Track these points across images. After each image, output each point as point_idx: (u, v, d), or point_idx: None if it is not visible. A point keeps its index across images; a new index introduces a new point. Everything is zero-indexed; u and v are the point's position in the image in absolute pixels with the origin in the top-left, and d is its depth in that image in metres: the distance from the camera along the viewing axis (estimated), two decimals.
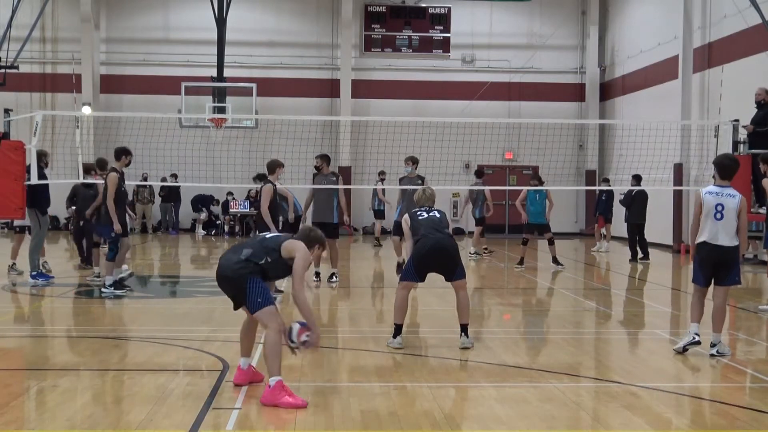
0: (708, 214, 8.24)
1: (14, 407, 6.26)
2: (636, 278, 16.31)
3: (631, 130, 20.88)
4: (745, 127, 15.31)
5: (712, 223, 8.22)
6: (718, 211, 8.19)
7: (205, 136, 24.23)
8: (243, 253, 6.52)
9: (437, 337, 9.18)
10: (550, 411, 6.35)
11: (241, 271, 6.44)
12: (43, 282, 13.47)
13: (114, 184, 12.29)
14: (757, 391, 7.25)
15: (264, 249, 6.53)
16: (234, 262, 6.51)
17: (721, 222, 8.19)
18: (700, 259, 8.36)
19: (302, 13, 28.66)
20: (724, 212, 8.19)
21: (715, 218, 8.20)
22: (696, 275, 8.44)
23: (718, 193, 8.25)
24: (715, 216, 8.20)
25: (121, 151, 12.80)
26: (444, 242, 8.57)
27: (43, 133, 16.25)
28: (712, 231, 8.22)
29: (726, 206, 8.20)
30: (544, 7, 28.91)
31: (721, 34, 20.91)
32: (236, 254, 6.55)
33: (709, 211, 8.23)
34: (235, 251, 6.60)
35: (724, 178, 8.39)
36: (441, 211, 8.90)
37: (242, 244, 6.72)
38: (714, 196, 8.25)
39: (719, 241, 8.21)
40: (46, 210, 14.03)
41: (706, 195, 8.29)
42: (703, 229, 8.27)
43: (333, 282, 13.88)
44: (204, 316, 10.76)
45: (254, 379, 6.97)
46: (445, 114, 27.21)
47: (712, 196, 8.25)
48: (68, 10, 27.61)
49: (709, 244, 8.25)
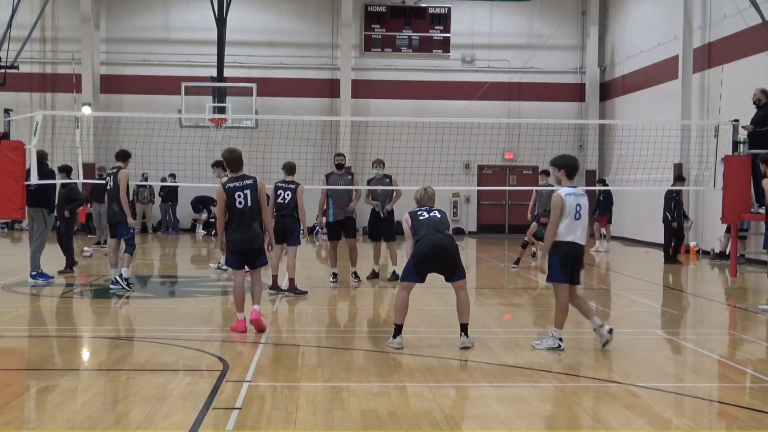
0: (570, 215, 8.50)
1: (14, 407, 6.26)
2: (636, 278, 16.30)
3: (631, 130, 20.88)
4: (745, 128, 15.29)
5: (573, 223, 8.51)
6: (577, 211, 8.51)
7: (205, 136, 24.22)
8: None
9: (437, 337, 9.17)
10: (550, 411, 6.35)
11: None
12: (43, 282, 13.47)
13: (125, 180, 12.52)
14: (757, 391, 7.25)
15: None
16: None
17: (579, 222, 8.53)
18: (562, 257, 8.54)
19: (302, 13, 28.66)
20: (581, 212, 8.55)
21: (575, 218, 8.50)
22: (556, 274, 8.57)
23: (575, 194, 8.57)
24: (575, 216, 8.50)
25: (127, 155, 13.01)
26: (444, 243, 8.57)
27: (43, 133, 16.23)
28: (575, 231, 8.51)
29: (582, 206, 8.54)
30: (544, 7, 28.91)
31: (721, 34, 20.91)
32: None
33: (570, 211, 8.50)
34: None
35: (571, 178, 8.74)
36: (442, 211, 8.89)
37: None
38: (573, 197, 8.55)
39: (581, 240, 8.59)
40: (53, 209, 14.08)
41: (567, 197, 8.53)
42: (568, 230, 8.51)
43: (355, 281, 14.03)
44: (204, 316, 10.76)
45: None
46: (445, 114, 27.21)
47: (572, 198, 8.54)
48: (68, 10, 27.61)
49: (574, 243, 8.54)
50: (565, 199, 8.51)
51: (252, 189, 9.33)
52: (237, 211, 9.28)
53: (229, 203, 9.30)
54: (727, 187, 14.86)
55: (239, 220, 9.29)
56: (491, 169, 28.71)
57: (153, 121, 20.26)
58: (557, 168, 8.89)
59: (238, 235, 9.32)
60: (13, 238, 24.68)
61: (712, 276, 16.92)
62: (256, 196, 9.36)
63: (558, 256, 8.54)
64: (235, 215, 9.30)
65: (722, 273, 16.78)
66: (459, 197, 28.82)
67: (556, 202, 8.54)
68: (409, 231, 8.75)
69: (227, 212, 9.34)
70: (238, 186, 9.32)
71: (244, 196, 9.28)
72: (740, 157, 14.97)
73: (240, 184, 9.34)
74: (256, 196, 9.36)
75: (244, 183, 9.35)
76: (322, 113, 28.23)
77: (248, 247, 9.36)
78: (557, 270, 8.55)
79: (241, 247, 9.35)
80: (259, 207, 9.39)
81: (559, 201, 8.52)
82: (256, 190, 9.36)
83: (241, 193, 9.28)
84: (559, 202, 8.52)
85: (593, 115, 28.51)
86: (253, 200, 9.32)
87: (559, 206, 8.51)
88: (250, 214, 9.30)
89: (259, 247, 9.45)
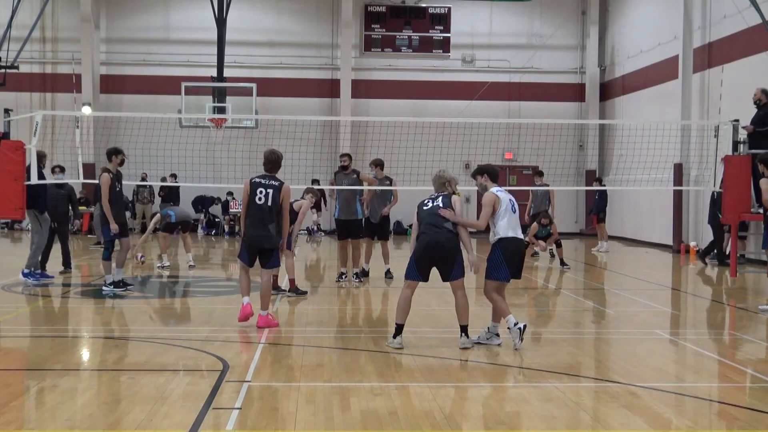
0: (507, 210, 8.66)
1: (14, 407, 6.26)
2: (635, 278, 16.30)
3: (631, 130, 20.89)
4: (745, 128, 15.30)
5: (512, 217, 8.69)
6: (512, 204, 8.73)
7: (205, 136, 24.23)
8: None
9: (437, 337, 9.17)
10: (550, 411, 6.35)
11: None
12: (33, 282, 13.44)
13: (106, 185, 12.30)
14: (757, 391, 7.25)
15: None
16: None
17: (516, 215, 8.72)
18: (509, 254, 8.66)
19: (302, 13, 28.66)
20: (515, 206, 8.77)
21: (512, 212, 8.70)
22: (502, 271, 8.68)
23: (504, 191, 8.83)
24: (512, 209, 8.71)
25: (111, 152, 12.79)
26: (441, 239, 8.53)
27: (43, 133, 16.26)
28: (515, 227, 8.71)
29: (513, 200, 8.75)
30: (544, 7, 28.91)
31: (720, 34, 20.91)
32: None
33: (506, 205, 8.68)
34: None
35: (495, 182, 8.98)
36: (446, 196, 8.80)
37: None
38: (503, 192, 8.79)
39: (521, 235, 8.79)
40: (44, 210, 14.02)
41: (498, 192, 8.77)
42: (509, 225, 8.67)
43: (355, 282, 14.06)
44: (204, 316, 10.76)
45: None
46: (444, 114, 27.22)
47: (502, 193, 8.77)
48: (68, 10, 27.61)
49: (516, 238, 8.71)
50: (497, 194, 8.72)
51: (275, 190, 9.58)
52: (255, 207, 9.55)
53: (251, 197, 9.55)
54: (727, 187, 14.85)
55: (255, 215, 9.55)
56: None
57: (153, 121, 20.27)
58: (480, 174, 9.10)
59: (252, 230, 9.60)
60: (14, 238, 24.68)
61: (712, 276, 16.92)
62: (278, 199, 9.59)
63: (504, 253, 8.64)
64: (252, 210, 9.55)
65: (722, 273, 16.78)
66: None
67: (489, 199, 8.71)
68: (416, 223, 8.79)
69: (249, 206, 9.61)
70: (263, 183, 9.60)
71: (265, 193, 9.54)
72: (740, 157, 14.96)
73: (266, 182, 9.63)
74: (278, 198, 9.59)
75: (269, 182, 9.63)
76: (322, 113, 28.23)
77: (260, 245, 9.64)
78: (502, 266, 8.64)
79: (253, 243, 9.64)
80: (278, 209, 9.61)
81: (492, 197, 8.72)
82: (279, 193, 9.59)
83: (263, 190, 9.55)
84: (492, 198, 8.71)
85: (593, 115, 28.51)
86: (274, 201, 9.56)
87: (492, 202, 8.68)
88: (268, 213, 9.53)
89: (270, 248, 9.66)
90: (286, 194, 9.68)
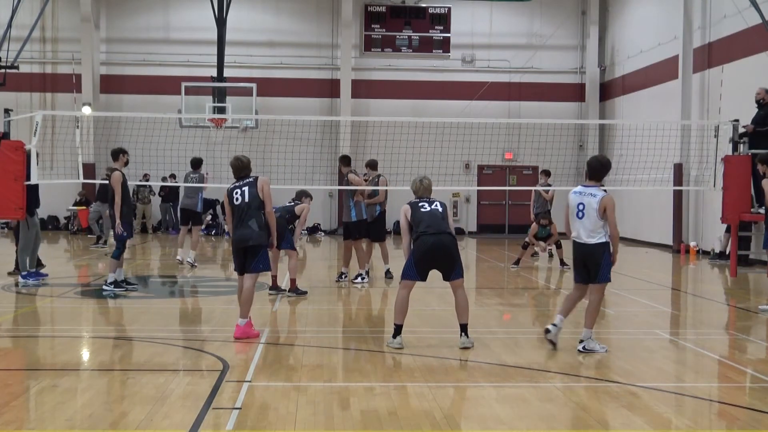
0: (572, 213, 8.63)
1: (14, 407, 6.26)
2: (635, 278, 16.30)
3: (631, 130, 20.88)
4: (745, 127, 15.30)
5: (574, 221, 8.62)
6: (579, 210, 8.56)
7: (205, 136, 24.22)
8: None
9: (437, 337, 9.17)
10: (550, 411, 6.35)
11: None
12: (34, 282, 13.45)
13: (118, 182, 12.35)
14: (757, 391, 7.25)
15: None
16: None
17: (581, 220, 8.55)
18: (574, 256, 8.73)
19: (302, 13, 28.66)
20: (585, 211, 8.56)
21: (577, 217, 8.57)
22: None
23: (581, 193, 8.64)
24: (577, 215, 8.57)
25: (118, 151, 12.87)
26: (445, 241, 8.54)
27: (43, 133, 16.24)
28: (576, 229, 8.60)
29: (586, 205, 8.54)
30: (544, 7, 28.91)
31: (720, 34, 20.91)
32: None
33: (572, 210, 8.63)
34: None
35: (591, 179, 8.79)
36: (443, 203, 8.81)
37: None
38: (577, 195, 8.65)
39: (581, 239, 8.58)
40: (34, 211, 14.00)
41: (571, 195, 8.70)
42: (571, 228, 8.67)
43: (342, 281, 14.07)
44: (204, 316, 10.76)
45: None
46: (445, 114, 27.22)
47: (575, 196, 8.67)
48: (68, 10, 27.61)
49: (575, 241, 8.65)
50: (569, 197, 8.71)
51: (250, 185, 9.26)
52: (234, 209, 9.27)
53: (230, 203, 9.31)
54: (727, 187, 14.85)
55: (236, 217, 9.25)
56: (491, 169, 28.73)
57: (153, 121, 20.27)
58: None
59: (234, 232, 9.30)
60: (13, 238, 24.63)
61: (712, 276, 16.92)
62: (255, 192, 9.22)
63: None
64: (234, 213, 9.29)
65: (722, 273, 16.78)
66: (459, 197, 28.83)
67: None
68: (407, 224, 8.68)
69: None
70: (238, 185, 9.33)
71: (241, 192, 9.25)
72: (740, 157, 14.97)
73: (240, 183, 9.34)
74: (255, 191, 9.23)
75: (243, 182, 9.33)
76: (322, 113, 28.23)
77: (243, 245, 9.18)
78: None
79: (237, 245, 9.25)
80: (258, 203, 9.22)
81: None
82: (255, 187, 9.25)
83: (239, 190, 9.27)
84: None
85: (593, 115, 28.51)
86: (251, 196, 9.20)
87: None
88: (247, 210, 9.19)
89: (255, 245, 9.17)
90: (264, 184, 9.30)
